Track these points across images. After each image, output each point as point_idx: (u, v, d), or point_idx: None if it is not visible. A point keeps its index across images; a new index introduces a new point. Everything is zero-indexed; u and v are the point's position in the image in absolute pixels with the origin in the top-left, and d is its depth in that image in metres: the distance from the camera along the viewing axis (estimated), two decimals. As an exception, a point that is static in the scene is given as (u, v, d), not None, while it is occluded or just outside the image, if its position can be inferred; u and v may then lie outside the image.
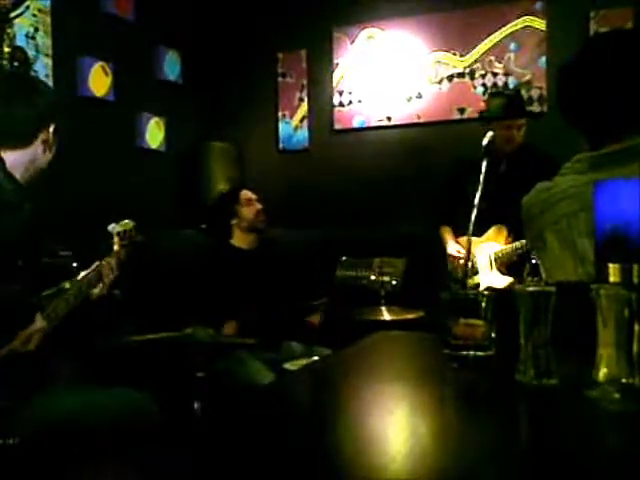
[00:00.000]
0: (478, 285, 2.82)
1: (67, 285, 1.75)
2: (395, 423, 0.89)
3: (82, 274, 1.82)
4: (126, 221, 2.00)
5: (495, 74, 3.71)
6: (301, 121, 4.20)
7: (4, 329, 1.50)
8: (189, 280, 2.86)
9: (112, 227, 1.96)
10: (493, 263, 2.85)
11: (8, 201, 1.61)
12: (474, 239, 2.72)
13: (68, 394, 1.63)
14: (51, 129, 1.72)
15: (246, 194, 2.95)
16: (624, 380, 0.86)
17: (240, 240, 2.89)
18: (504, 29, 3.68)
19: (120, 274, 1.90)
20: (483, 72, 3.74)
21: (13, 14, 2.91)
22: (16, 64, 2.93)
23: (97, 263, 1.85)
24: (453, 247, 3.00)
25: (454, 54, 3.79)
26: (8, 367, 1.50)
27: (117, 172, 3.50)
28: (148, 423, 1.60)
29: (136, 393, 1.70)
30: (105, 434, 1.49)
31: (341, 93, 4.09)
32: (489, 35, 3.71)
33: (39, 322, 1.58)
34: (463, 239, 2.78)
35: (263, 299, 2.74)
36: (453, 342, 1.09)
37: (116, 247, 1.93)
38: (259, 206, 2.92)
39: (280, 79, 4.24)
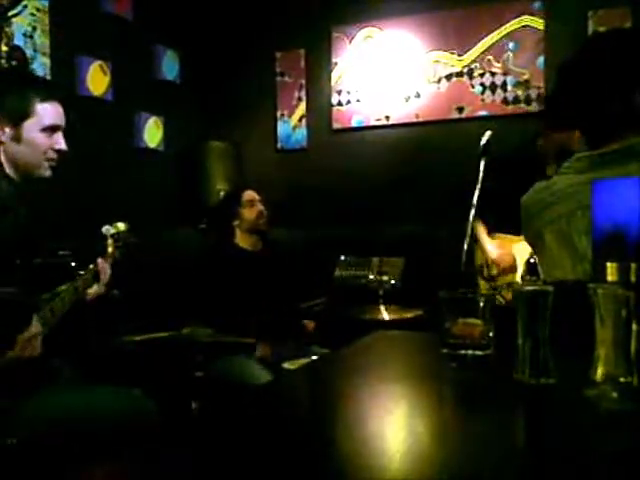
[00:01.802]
0: (510, 284, 2.78)
1: (63, 288, 1.74)
2: (394, 423, 0.89)
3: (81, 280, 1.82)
4: (120, 223, 1.99)
5: (493, 73, 3.71)
6: (299, 120, 4.19)
7: (3, 332, 1.50)
8: (188, 280, 2.86)
9: (106, 229, 1.95)
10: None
11: (5, 203, 1.61)
12: (516, 237, 2.70)
13: (67, 394, 1.63)
14: (25, 124, 1.65)
15: (248, 195, 2.94)
16: (622, 379, 0.86)
17: (242, 241, 2.89)
18: (502, 28, 3.68)
19: (115, 274, 1.90)
20: (481, 71, 3.74)
21: (11, 13, 2.91)
22: (14, 63, 2.92)
23: (92, 264, 1.85)
24: (492, 246, 2.86)
25: (452, 53, 3.80)
26: (7, 367, 1.50)
27: (115, 172, 3.50)
28: (147, 423, 1.60)
29: (135, 393, 1.70)
30: (104, 434, 1.49)
31: (339, 92, 4.09)
32: (487, 34, 3.71)
33: (36, 326, 1.58)
34: (500, 236, 2.70)
35: (264, 300, 2.74)
36: (451, 341, 1.09)
37: (110, 249, 1.93)
38: (261, 207, 2.91)
39: (278, 78, 4.24)
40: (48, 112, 1.68)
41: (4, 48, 2.88)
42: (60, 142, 1.71)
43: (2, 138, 1.64)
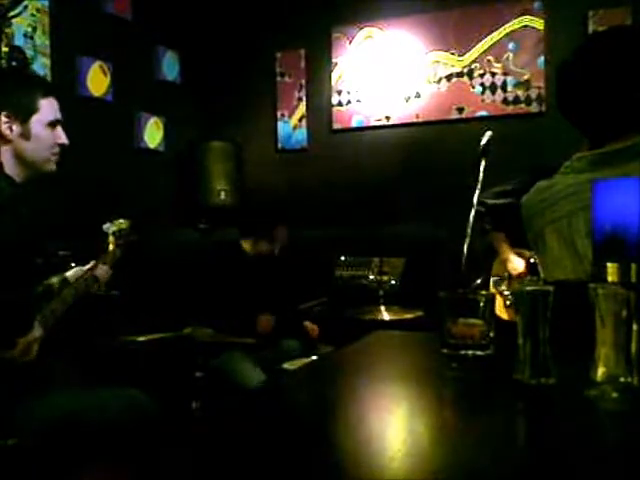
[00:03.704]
0: None
1: (54, 280, 1.74)
2: (394, 423, 0.89)
3: (72, 271, 1.81)
4: (121, 220, 1.99)
5: (493, 74, 3.71)
6: (300, 121, 4.19)
7: (4, 336, 1.50)
8: (190, 280, 2.86)
9: (107, 227, 1.95)
10: None
11: (6, 203, 1.61)
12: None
13: (67, 394, 1.63)
14: (32, 120, 1.67)
15: (280, 230, 2.94)
16: (622, 379, 0.86)
17: (248, 246, 2.91)
18: (502, 29, 3.68)
19: (116, 274, 1.90)
20: (482, 72, 3.74)
21: (11, 13, 2.90)
22: (14, 64, 2.92)
23: (92, 263, 1.85)
24: (519, 262, 2.67)
25: (452, 54, 3.79)
26: (6, 368, 1.50)
27: (116, 172, 3.50)
28: (147, 423, 1.60)
29: (135, 392, 1.70)
30: (104, 434, 1.49)
31: (340, 93, 4.09)
32: (487, 35, 3.71)
33: (37, 330, 1.58)
34: (524, 252, 2.64)
35: (265, 300, 2.75)
36: (452, 342, 1.09)
37: (111, 246, 1.93)
38: (282, 244, 2.91)
39: (279, 78, 4.24)
40: (49, 107, 1.72)
41: (4, 49, 2.88)
42: (62, 136, 1.75)
43: (11, 136, 1.65)
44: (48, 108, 1.71)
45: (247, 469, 0.71)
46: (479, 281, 2.76)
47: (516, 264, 2.70)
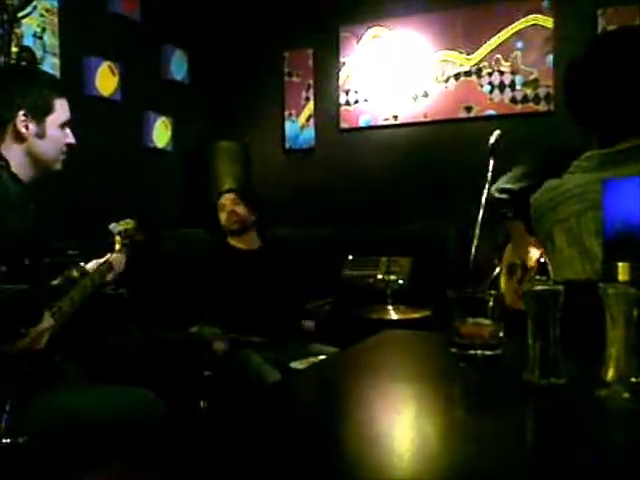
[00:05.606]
0: None
1: (74, 273, 1.75)
2: (402, 422, 0.89)
3: (91, 263, 1.83)
4: (127, 220, 2.01)
5: (502, 72, 3.70)
6: (307, 120, 4.19)
7: (14, 327, 1.51)
8: (195, 279, 2.87)
9: (113, 226, 1.97)
10: None
11: (13, 202, 1.62)
12: None
13: (77, 393, 1.64)
14: (48, 120, 1.69)
15: (222, 198, 3.02)
16: (633, 379, 0.85)
17: (234, 241, 2.95)
18: (511, 27, 3.67)
19: (124, 273, 1.91)
20: (490, 70, 3.72)
21: (20, 14, 2.92)
22: (24, 64, 2.93)
23: (108, 255, 1.86)
24: (535, 252, 2.67)
25: (461, 52, 3.78)
26: (16, 365, 1.51)
27: (124, 172, 3.51)
28: (155, 421, 1.60)
29: (143, 391, 1.70)
30: (112, 432, 1.49)
31: (347, 92, 4.08)
32: (496, 33, 3.70)
33: (47, 321, 1.59)
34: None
35: (262, 298, 2.75)
36: (460, 341, 1.09)
37: (117, 246, 1.94)
38: (230, 208, 2.96)
39: (286, 78, 4.24)
40: (63, 108, 1.74)
41: (14, 49, 2.90)
42: (71, 136, 1.77)
43: (26, 134, 1.66)
44: (62, 109, 1.73)
45: (254, 469, 0.71)
46: (497, 271, 2.70)
47: (532, 254, 2.67)
